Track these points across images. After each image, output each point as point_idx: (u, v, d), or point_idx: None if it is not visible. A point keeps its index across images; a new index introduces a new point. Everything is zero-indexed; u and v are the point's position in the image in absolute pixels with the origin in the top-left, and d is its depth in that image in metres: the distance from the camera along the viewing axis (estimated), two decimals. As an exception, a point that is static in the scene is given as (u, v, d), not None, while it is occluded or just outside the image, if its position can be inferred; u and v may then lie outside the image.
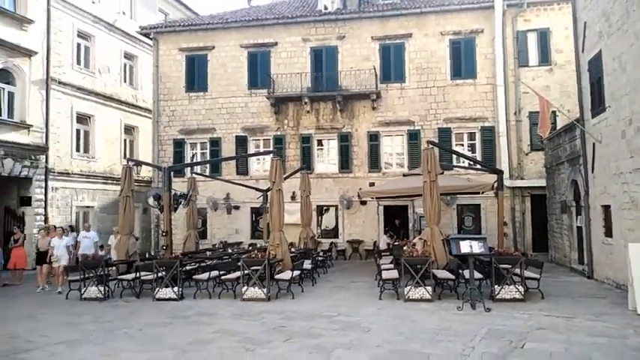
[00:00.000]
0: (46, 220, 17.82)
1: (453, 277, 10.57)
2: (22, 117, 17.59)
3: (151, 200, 15.21)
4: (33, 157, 17.85)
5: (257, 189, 17.80)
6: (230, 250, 16.54)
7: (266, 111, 20.52)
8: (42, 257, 13.18)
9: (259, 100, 20.56)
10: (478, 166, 17.17)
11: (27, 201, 17.80)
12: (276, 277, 11.27)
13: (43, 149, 18.25)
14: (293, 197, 18.89)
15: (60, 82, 19.15)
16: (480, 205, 18.73)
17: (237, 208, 20.31)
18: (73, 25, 20.13)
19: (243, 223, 20.42)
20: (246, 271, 10.89)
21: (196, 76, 21.22)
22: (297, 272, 11.69)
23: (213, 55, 21.13)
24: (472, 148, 19.34)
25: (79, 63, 20.48)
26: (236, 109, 20.77)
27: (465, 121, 19.16)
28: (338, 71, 20.02)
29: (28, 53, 17.76)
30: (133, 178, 13.85)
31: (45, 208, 18.23)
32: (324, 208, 20.24)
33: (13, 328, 8.52)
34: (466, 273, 9.61)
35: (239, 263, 11.18)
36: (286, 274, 11.25)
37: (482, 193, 15.54)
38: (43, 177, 18.22)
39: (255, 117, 20.61)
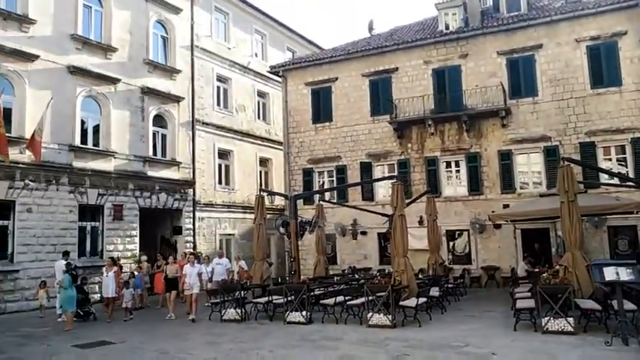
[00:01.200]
0: (194, 248, 19.70)
1: (599, 307, 9.43)
2: (173, 155, 19.88)
3: (278, 228, 16.03)
4: (182, 191, 20.01)
5: (382, 214, 17.79)
6: (357, 276, 16.67)
7: (389, 136, 20.60)
8: (171, 284, 13.27)
9: (382, 126, 20.75)
10: (631, 183, 15.27)
11: (178, 230, 19.93)
12: (402, 303, 11.08)
13: (191, 183, 20.37)
14: (420, 222, 18.53)
15: (203, 123, 21.35)
16: (635, 226, 16.57)
17: (364, 233, 20.49)
18: (213, 71, 22.41)
19: (371, 249, 20.50)
20: (370, 297, 10.90)
21: (322, 108, 22.15)
22: (423, 299, 11.37)
23: (336, 87, 21.92)
24: (623, 162, 17.29)
25: (218, 104, 22.67)
26: (360, 137, 21.18)
27: (612, 133, 17.26)
28: (462, 90, 19.44)
29: (177, 99, 20.15)
30: (265, 207, 14.79)
31: (193, 236, 20.22)
32: (456, 232, 19.50)
33: (164, 346, 9.50)
34: (615, 303, 8.53)
35: (364, 289, 11.24)
36: (412, 301, 11.00)
37: (637, 212, 13.72)
38: (191, 208, 20.29)
39: (379, 143, 20.80)
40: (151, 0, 19.63)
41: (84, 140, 16.87)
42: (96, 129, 17.45)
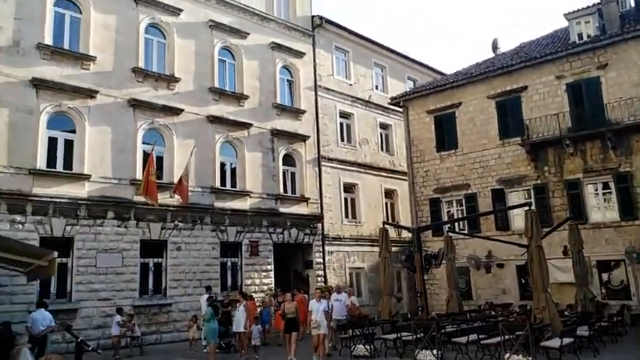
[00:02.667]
0: (325, 281, 20.17)
1: None
2: (302, 192, 20.78)
3: (402, 261, 15.71)
4: (312, 226, 20.73)
5: (519, 245, 16.55)
6: (494, 312, 15.60)
7: (522, 160, 19.31)
8: (290, 324, 12.16)
9: (513, 149, 19.55)
10: None
11: (309, 264, 20.59)
12: (543, 344, 10.11)
13: (319, 218, 21.04)
14: (565, 252, 16.88)
15: (328, 159, 22.07)
16: None
17: (500, 266, 19.20)
18: (336, 108, 23.20)
19: (509, 283, 19.10)
20: (507, 336, 10.12)
21: (446, 135, 21.60)
22: (569, 339, 10.25)
23: (460, 112, 21.28)
24: None
25: (342, 139, 23.31)
26: (489, 162, 20.16)
27: None
28: (603, 104, 17.62)
29: (303, 138, 21.16)
30: (389, 240, 14.66)
31: (324, 270, 20.72)
32: (611, 262, 17.38)
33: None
34: None
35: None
36: (555, 342, 9.98)
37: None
38: (321, 242, 20.88)
39: (511, 167, 19.58)
40: (278, 48, 21.09)
41: (223, 182, 18.41)
42: (233, 171, 18.96)
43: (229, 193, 18.36)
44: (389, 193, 24.96)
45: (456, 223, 20.63)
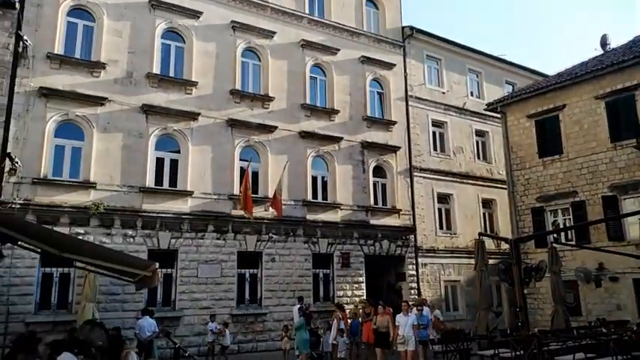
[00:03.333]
0: (418, 294, 19.74)
1: None
2: (393, 203, 20.61)
3: (498, 274, 14.89)
4: (404, 237, 20.44)
5: (637, 257, 14.99)
6: (605, 330, 14.20)
7: (637, 163, 17.49)
8: (381, 339, 11.79)
9: (627, 152, 17.79)
10: None
11: (402, 276, 20.29)
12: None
13: (412, 229, 20.69)
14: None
15: (420, 169, 21.69)
16: None
17: (614, 279, 17.45)
18: (428, 117, 22.77)
19: (625, 298, 17.28)
20: (620, 357, 9.20)
21: (549, 140, 20.21)
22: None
23: (564, 115, 19.83)
24: None
25: (435, 149, 22.78)
26: (599, 167, 18.51)
27: None
28: None
29: (394, 149, 21.04)
30: (486, 252, 14.00)
31: (417, 282, 20.30)
32: None
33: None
34: None
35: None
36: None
37: None
38: (414, 254, 20.51)
39: (625, 172, 17.81)
40: (368, 62, 21.28)
41: (314, 195, 18.88)
42: (324, 184, 19.37)
43: (321, 206, 18.76)
44: (487, 203, 23.85)
45: (562, 234, 19.15)
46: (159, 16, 16.77)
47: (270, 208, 17.08)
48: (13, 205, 13.32)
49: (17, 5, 14.36)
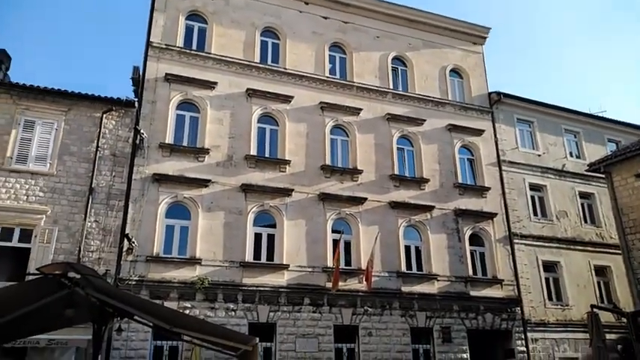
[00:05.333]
0: (533, 373, 18.10)
1: None
2: (494, 273, 19.60)
3: (618, 352, 13.36)
4: (509, 310, 19.15)
5: None
6: None
7: None
8: None
9: None
10: None
11: (510, 353, 18.77)
12: None
13: (517, 301, 19.38)
14: None
15: (521, 236, 20.61)
16: None
17: None
18: (525, 181, 21.92)
19: None
20: None
21: (665, 199, 18.48)
22: None
23: (680, 171, 18.16)
24: None
25: (535, 214, 21.63)
26: None
27: None
28: None
29: (490, 216, 20.33)
30: (601, 326, 12.78)
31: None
32: None
33: None
34: None
35: None
36: None
37: None
38: (522, 328, 19.03)
39: None
40: (455, 130, 21.34)
41: (408, 266, 18.54)
42: (418, 254, 19.01)
43: (416, 277, 18.34)
44: (600, 270, 21.81)
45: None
46: (255, 103, 18.34)
47: (364, 280, 17.02)
48: (130, 282, 14.57)
49: (136, 104, 16.54)
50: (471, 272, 19.20)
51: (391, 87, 21.14)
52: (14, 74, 18.57)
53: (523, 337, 18.95)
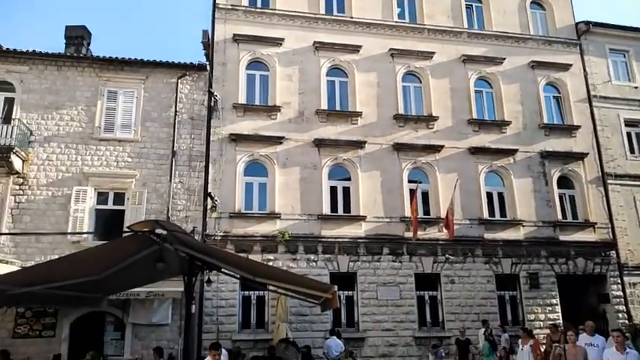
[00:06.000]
0: (629, 318, 17.13)
1: None
2: (585, 216, 18.42)
3: None
4: (603, 254, 18.03)
5: None
6: None
7: None
8: None
9: None
10: None
11: (605, 298, 17.83)
12: None
13: (612, 244, 18.18)
14: None
15: (616, 176, 19.08)
16: None
17: None
18: (619, 117, 20.07)
19: None
20: None
21: None
22: None
23: None
24: None
25: (632, 152, 19.86)
26: None
27: None
28: None
29: (580, 157, 18.94)
30: None
31: (625, 305, 17.63)
32: None
33: None
34: None
35: None
36: None
37: None
38: (617, 273, 17.92)
39: None
40: (538, 66, 19.84)
41: (491, 212, 17.89)
42: (501, 200, 18.25)
43: (499, 224, 17.69)
44: None
45: None
46: (322, 56, 18.07)
47: (444, 228, 16.72)
48: (216, 237, 15.38)
49: (208, 67, 16.93)
50: (560, 216, 18.18)
51: (466, 26, 19.90)
52: (94, 48, 19.64)
53: (619, 281, 17.87)
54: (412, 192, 16.78)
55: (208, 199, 15.61)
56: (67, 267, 8.65)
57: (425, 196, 17.53)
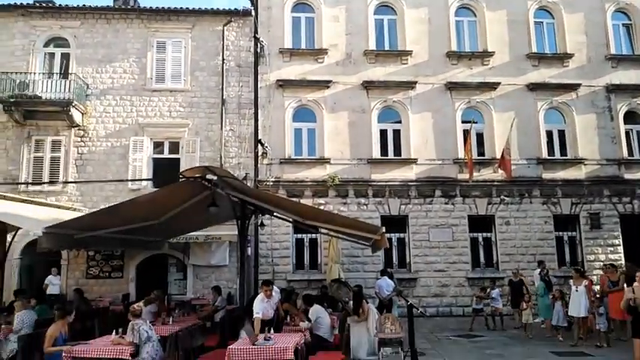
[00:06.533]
0: None
1: None
2: (655, 153, 17.26)
3: None
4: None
5: None
6: None
7: None
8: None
9: None
10: None
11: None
12: None
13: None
14: None
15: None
16: None
17: None
18: (699, 42, 18.22)
19: None
20: None
21: None
22: None
23: None
24: None
25: None
26: None
27: None
28: None
29: (651, 88, 17.51)
30: None
31: (696, 245, 16.69)
32: None
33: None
34: None
35: None
36: None
37: None
38: (689, 212, 16.87)
39: None
40: (607, -8, 18.18)
41: (550, 151, 17.11)
42: (561, 138, 17.37)
43: (559, 163, 16.92)
44: None
45: None
46: (369, -8, 17.35)
47: (499, 169, 16.19)
48: (268, 183, 15.69)
49: (252, 12, 16.69)
50: (625, 153, 17.13)
51: (523, -50, 18.35)
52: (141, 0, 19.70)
53: (689, 221, 16.87)
54: (466, 133, 16.25)
55: (259, 145, 15.82)
56: (127, 212, 9.13)
57: (479, 136, 16.96)
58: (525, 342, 11.21)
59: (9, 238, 10.93)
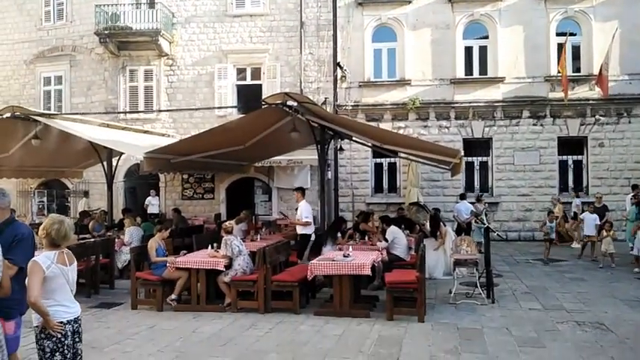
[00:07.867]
0: None
1: None
2: None
3: None
4: None
5: None
6: None
7: None
8: None
9: None
10: None
11: None
12: None
13: None
14: None
15: None
16: None
17: None
18: None
19: None
20: None
21: None
22: None
23: None
24: None
25: None
26: None
27: None
28: None
29: None
30: None
31: None
32: None
33: None
34: None
35: None
36: None
37: None
38: None
39: None
40: None
41: (658, 65, 15.42)
42: (672, 50, 15.50)
43: (667, 78, 15.26)
44: None
45: None
46: None
47: (596, 86, 14.94)
48: (347, 107, 15.74)
49: None
50: None
51: None
52: None
53: None
54: (560, 46, 14.99)
55: (338, 69, 15.71)
56: (216, 138, 9.74)
57: (575, 50, 15.62)
58: (609, 268, 10.85)
59: (114, 162, 12.08)
